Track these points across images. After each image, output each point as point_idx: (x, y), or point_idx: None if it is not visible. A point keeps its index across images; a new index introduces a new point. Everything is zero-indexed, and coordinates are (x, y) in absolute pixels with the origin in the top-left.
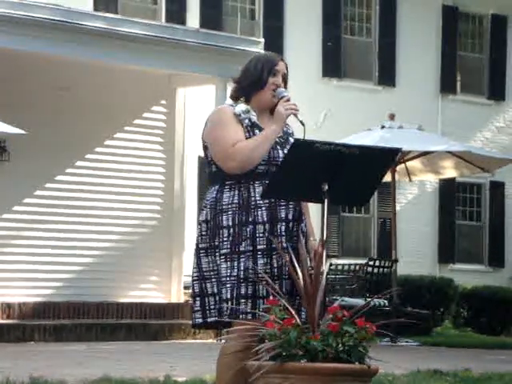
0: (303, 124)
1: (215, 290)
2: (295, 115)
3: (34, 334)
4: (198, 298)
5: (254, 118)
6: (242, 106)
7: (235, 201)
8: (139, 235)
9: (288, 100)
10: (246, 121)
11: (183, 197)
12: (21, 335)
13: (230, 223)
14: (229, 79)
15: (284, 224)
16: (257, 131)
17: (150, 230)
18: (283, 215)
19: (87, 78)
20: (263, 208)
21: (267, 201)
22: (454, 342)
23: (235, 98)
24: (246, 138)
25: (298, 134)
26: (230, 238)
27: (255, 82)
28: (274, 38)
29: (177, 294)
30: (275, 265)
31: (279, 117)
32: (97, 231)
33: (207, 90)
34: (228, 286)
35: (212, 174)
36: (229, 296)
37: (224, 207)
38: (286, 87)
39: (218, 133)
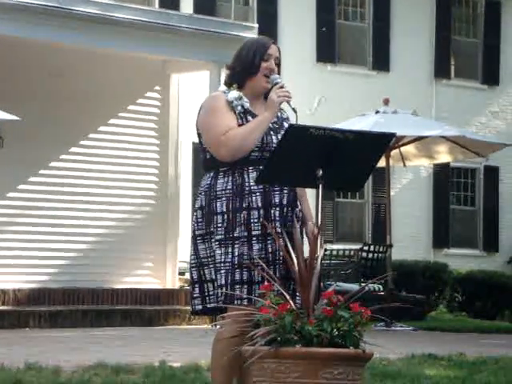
0: (295, 111)
1: (213, 277)
2: (288, 102)
3: (28, 321)
4: (196, 285)
5: (247, 105)
6: (234, 93)
7: (229, 187)
8: (134, 221)
9: (281, 87)
10: (239, 108)
11: (177, 183)
12: (16, 321)
13: (224, 209)
14: (223, 65)
15: (278, 209)
16: (250, 118)
17: (145, 216)
18: (277, 200)
19: (80, 65)
20: (257, 194)
21: (261, 186)
22: (449, 326)
23: (229, 84)
24: (239, 125)
25: (292, 119)
26: (224, 224)
27: (248, 68)
28: (268, 24)
29: (172, 279)
30: (270, 250)
31: (272, 104)
32: (91, 217)
33: (201, 75)
34: (222, 272)
35: (206, 160)
36: (223, 282)
37: (218, 193)
38: (279, 71)
39: (210, 120)
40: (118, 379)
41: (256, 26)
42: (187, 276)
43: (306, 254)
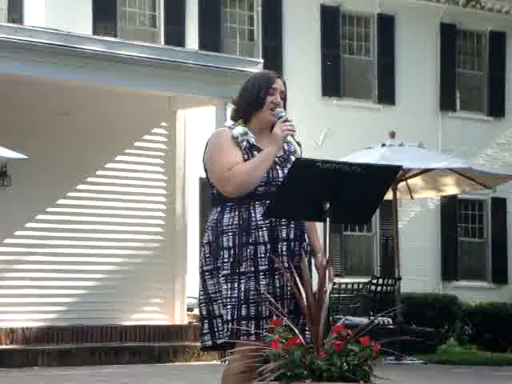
0: (300, 145)
1: (222, 312)
2: (292, 136)
3: (37, 359)
4: (206, 321)
5: (253, 140)
6: (239, 129)
7: (235, 222)
8: (142, 258)
9: (286, 120)
10: (244, 143)
11: (185, 218)
12: (25, 360)
13: (231, 244)
14: (228, 100)
15: (285, 243)
16: (255, 153)
17: (153, 252)
18: (284, 235)
19: (87, 102)
20: (264, 228)
21: (268, 221)
22: (459, 359)
23: (235, 118)
24: (245, 160)
25: (297, 153)
26: (231, 259)
27: (253, 102)
28: (273, 58)
29: (180, 315)
30: (277, 285)
31: (276, 138)
32: (99, 254)
33: (207, 111)
34: (229, 307)
35: (214, 195)
36: (229, 317)
37: (224, 228)
38: (284, 104)
39: (215, 157)
40: None
41: (261, 61)
42: (196, 312)
43: (315, 287)
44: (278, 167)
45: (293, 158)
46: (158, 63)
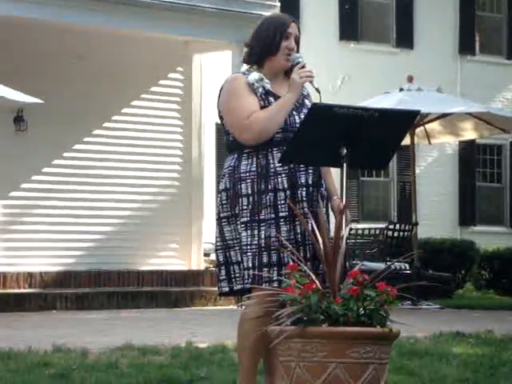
0: (319, 91)
1: (239, 258)
2: (311, 82)
3: (55, 303)
4: (222, 267)
5: (268, 86)
6: (255, 75)
7: (253, 169)
8: (158, 203)
9: (303, 66)
10: (260, 89)
11: (201, 164)
12: (43, 304)
13: (250, 191)
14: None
15: (305, 189)
16: (271, 99)
17: (169, 197)
18: (303, 180)
19: (102, 46)
20: (283, 175)
21: (286, 167)
22: (476, 304)
23: (248, 62)
24: (261, 107)
25: (315, 99)
26: (250, 207)
27: (268, 48)
28: (291, 2)
29: (197, 261)
30: (299, 231)
31: (295, 85)
32: (116, 199)
33: (224, 55)
34: (249, 254)
35: (230, 142)
36: (250, 264)
37: (242, 175)
38: (298, 49)
39: (232, 104)
40: (145, 360)
41: (278, 4)
42: (212, 257)
43: (332, 232)
44: (294, 113)
45: (307, 102)
46: (173, 7)
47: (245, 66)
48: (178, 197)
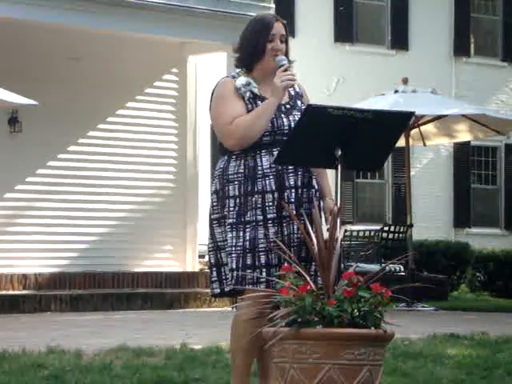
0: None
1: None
2: (292, 86)
3: (50, 305)
4: (214, 269)
5: (256, 90)
6: (242, 79)
7: (241, 170)
8: (153, 204)
9: (285, 70)
10: (248, 94)
11: (196, 165)
12: (37, 305)
13: (236, 193)
14: None
15: (294, 191)
16: (259, 102)
17: (164, 199)
18: (292, 182)
19: (97, 48)
20: (271, 177)
21: (274, 169)
22: (471, 306)
23: (238, 66)
24: (249, 111)
25: (312, 96)
26: (236, 208)
27: (253, 52)
28: (285, 4)
29: (192, 262)
30: (285, 233)
31: (276, 89)
32: (111, 201)
33: (218, 57)
34: (233, 255)
35: (221, 145)
36: (234, 266)
37: (230, 177)
38: (287, 47)
39: (218, 109)
40: (140, 362)
41: (273, 6)
42: (207, 259)
43: (326, 234)
44: (282, 115)
45: (299, 103)
46: (169, 8)
47: (237, 70)
48: (172, 198)
